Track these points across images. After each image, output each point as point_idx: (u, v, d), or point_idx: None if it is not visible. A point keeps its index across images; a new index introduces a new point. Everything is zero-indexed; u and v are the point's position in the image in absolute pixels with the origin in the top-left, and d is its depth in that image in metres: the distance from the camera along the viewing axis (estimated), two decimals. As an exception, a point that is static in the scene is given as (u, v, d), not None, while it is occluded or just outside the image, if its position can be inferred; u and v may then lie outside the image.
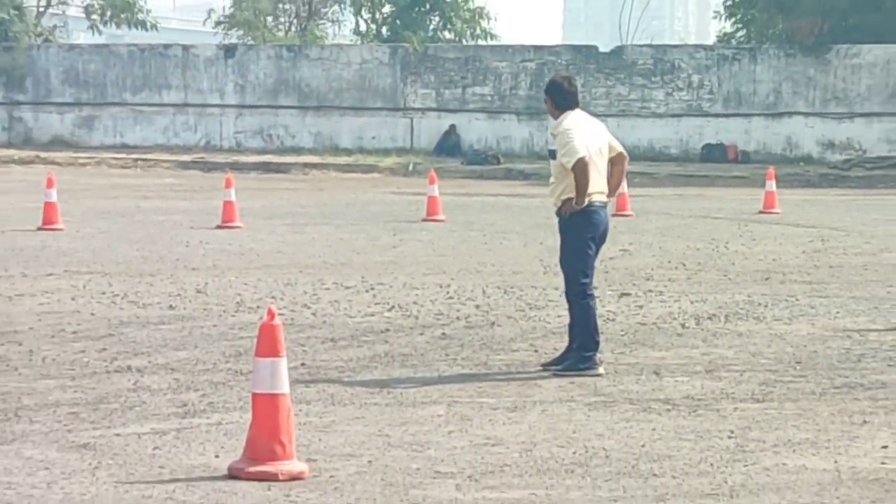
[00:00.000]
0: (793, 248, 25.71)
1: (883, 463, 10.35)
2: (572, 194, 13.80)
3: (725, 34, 61.74)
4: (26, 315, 17.04)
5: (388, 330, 16.25)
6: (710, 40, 66.51)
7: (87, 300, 18.31)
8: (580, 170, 13.69)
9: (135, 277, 20.51)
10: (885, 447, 10.82)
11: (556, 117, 14.21)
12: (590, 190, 13.70)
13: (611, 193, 14.34)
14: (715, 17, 67.68)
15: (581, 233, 13.90)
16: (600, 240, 14.05)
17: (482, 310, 17.73)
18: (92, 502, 9.20)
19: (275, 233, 26.98)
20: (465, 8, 61.89)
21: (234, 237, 25.42)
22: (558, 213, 14.09)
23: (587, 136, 13.89)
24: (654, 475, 10.04)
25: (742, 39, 58.65)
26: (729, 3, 61.19)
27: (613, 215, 14.55)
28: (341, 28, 66.81)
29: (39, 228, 27.59)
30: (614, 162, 14.33)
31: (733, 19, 60.51)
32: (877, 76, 52.51)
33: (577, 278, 13.90)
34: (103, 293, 18.90)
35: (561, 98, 14.36)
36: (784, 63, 53.95)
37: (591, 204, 13.74)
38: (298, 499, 9.25)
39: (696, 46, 64.39)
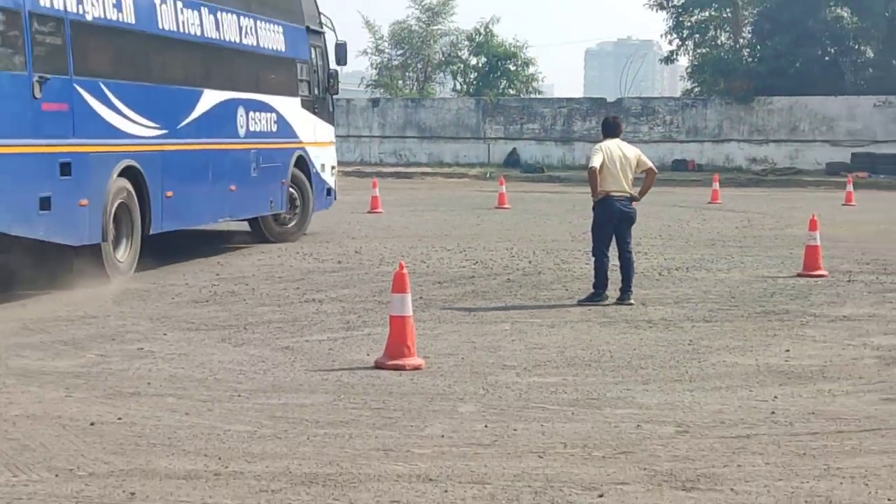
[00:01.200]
0: (730, 225, 25.51)
1: (786, 360, 10.39)
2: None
3: (687, 90, 61.06)
4: (250, 267, 17.16)
5: (473, 276, 16.23)
6: (678, 94, 65.76)
7: (287, 257, 18.40)
8: (589, 176, 13.65)
9: (318, 243, 20.57)
10: (787, 351, 10.83)
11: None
12: (607, 189, 13.54)
13: (641, 194, 14.13)
14: (681, 80, 66.89)
15: (599, 216, 13.80)
16: (621, 221, 13.75)
17: (532, 264, 17.68)
18: (291, 383, 9.29)
19: (403, 215, 26.91)
20: (523, 74, 61.67)
21: (378, 218, 25.38)
22: None
23: (609, 155, 13.60)
24: (642, 368, 10.06)
25: (698, 93, 58.01)
26: (689, 69, 60.60)
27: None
28: (444, 87, 66.58)
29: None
30: (646, 174, 14.10)
31: (692, 80, 59.92)
32: (783, 116, 52.01)
33: (597, 244, 13.82)
34: (297, 252, 18.98)
35: (603, 130, 14.28)
36: (724, 108, 53.42)
37: (608, 197, 13.57)
38: (418, 381, 9.34)
39: (668, 98, 63.63)
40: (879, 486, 6.62)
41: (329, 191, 23.34)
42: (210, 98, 18.36)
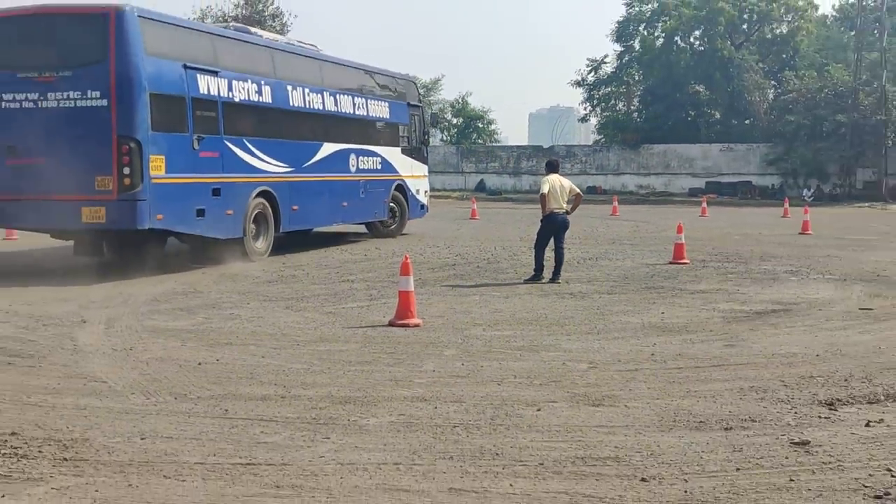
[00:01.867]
0: (626, 229, 25.52)
1: (661, 319, 10.39)
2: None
3: (596, 140, 61.23)
4: (306, 259, 17.08)
5: (454, 264, 16.18)
6: (590, 142, 65.99)
7: (330, 251, 18.31)
8: (541, 199, 13.67)
9: (351, 244, 20.53)
10: (662, 313, 10.85)
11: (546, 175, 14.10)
12: (551, 207, 13.59)
13: (572, 209, 14.07)
14: (593, 133, 66.85)
15: (546, 225, 13.77)
16: (560, 229, 13.77)
17: (494, 256, 17.64)
18: (333, 335, 9.29)
19: (407, 225, 26.79)
20: (488, 130, 62.02)
21: (391, 226, 25.15)
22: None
23: (553, 185, 13.66)
24: (566, 324, 10.06)
25: (603, 142, 58.17)
26: (598, 127, 60.78)
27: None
28: (435, 139, 66.50)
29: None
30: (576, 196, 14.18)
31: (600, 134, 60.14)
32: (660, 158, 52.25)
33: (539, 242, 13.83)
34: (336, 248, 18.93)
35: (548, 168, 14.33)
36: (621, 152, 53.57)
37: (551, 213, 13.61)
38: (417, 334, 9.33)
39: (583, 145, 63.49)
40: (723, 403, 6.66)
41: (423, 206, 24.26)
42: (328, 148, 19.32)
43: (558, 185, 13.77)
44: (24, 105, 13.77)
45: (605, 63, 60.00)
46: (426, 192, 24.51)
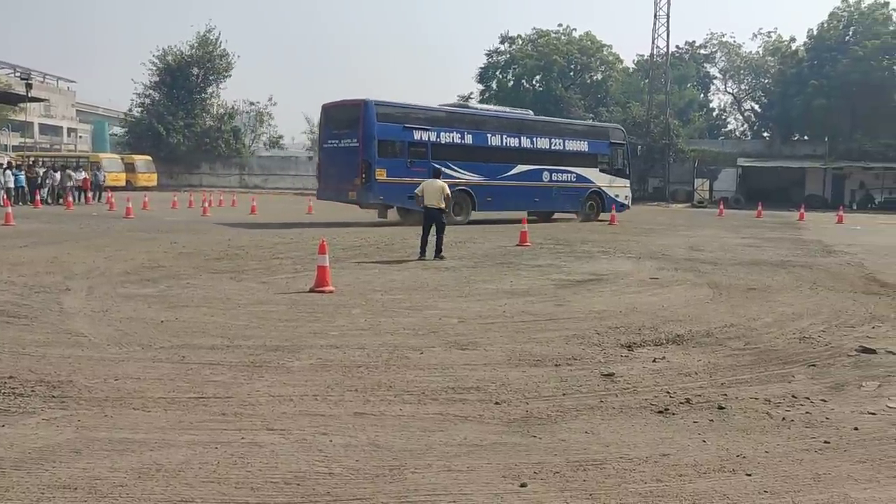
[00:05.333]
0: (485, 224, 25.72)
1: (510, 286, 10.43)
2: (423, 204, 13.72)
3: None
4: (246, 241, 16.45)
5: (360, 246, 15.92)
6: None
7: (266, 236, 17.79)
8: (415, 197, 13.66)
9: (279, 230, 20.02)
10: (511, 281, 10.90)
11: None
12: (424, 203, 13.55)
13: (445, 208, 13.86)
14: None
15: (424, 216, 13.75)
16: (434, 219, 13.65)
17: (392, 241, 17.47)
18: (266, 300, 9.03)
19: (330, 219, 26.30)
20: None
21: (312, 219, 24.69)
22: None
23: (425, 187, 13.63)
24: (442, 290, 10.02)
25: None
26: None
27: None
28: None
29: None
30: (446, 197, 13.77)
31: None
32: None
33: (423, 230, 13.77)
34: (273, 234, 18.37)
35: (432, 174, 14.33)
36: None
37: (425, 207, 13.56)
38: (331, 298, 9.16)
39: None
40: (554, 346, 6.80)
41: (622, 205, 26.75)
42: (521, 168, 23.31)
43: (430, 187, 13.69)
44: (333, 145, 21.25)
45: (471, 98, 60.30)
46: (627, 196, 27.20)
